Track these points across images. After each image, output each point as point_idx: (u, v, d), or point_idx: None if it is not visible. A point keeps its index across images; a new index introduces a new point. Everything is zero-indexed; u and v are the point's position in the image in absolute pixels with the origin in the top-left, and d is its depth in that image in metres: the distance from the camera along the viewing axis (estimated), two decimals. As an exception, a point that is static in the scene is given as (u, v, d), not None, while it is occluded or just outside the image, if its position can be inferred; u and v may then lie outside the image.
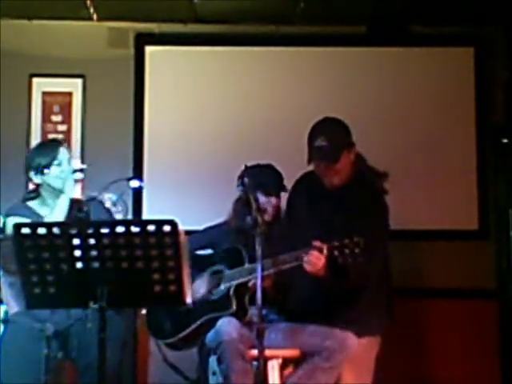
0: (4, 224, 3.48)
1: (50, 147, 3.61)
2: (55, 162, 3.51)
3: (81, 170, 3.54)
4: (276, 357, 3.46)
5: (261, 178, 3.64)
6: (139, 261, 2.53)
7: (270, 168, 3.77)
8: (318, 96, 5.11)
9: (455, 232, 5.03)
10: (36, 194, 3.58)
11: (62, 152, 3.55)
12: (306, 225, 3.63)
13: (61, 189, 3.50)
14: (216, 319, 3.49)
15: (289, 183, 3.81)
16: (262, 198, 3.63)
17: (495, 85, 5.13)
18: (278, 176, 3.76)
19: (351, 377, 3.49)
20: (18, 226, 2.56)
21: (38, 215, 3.50)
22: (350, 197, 3.56)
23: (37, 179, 3.54)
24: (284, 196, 3.80)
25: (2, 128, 4.96)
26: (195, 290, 3.64)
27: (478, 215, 5.07)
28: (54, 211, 3.46)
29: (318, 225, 3.58)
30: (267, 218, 3.63)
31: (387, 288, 3.67)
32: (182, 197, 4.99)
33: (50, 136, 5.03)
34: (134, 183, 4.11)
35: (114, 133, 5.07)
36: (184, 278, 2.53)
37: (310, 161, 3.58)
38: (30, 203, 3.57)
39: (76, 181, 3.52)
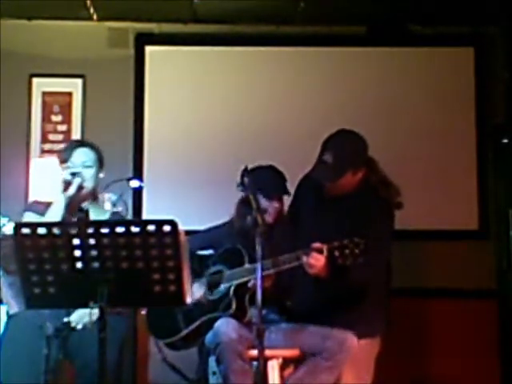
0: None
1: (68, 147, 3.64)
2: (67, 164, 3.53)
3: (73, 174, 3.50)
4: (276, 357, 3.46)
5: (262, 180, 3.59)
6: (139, 261, 2.52)
7: (271, 170, 3.72)
8: (318, 96, 5.11)
9: (455, 232, 5.03)
10: None
11: (77, 154, 3.57)
12: (309, 226, 3.63)
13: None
14: (216, 319, 3.49)
15: (289, 183, 3.80)
16: (263, 202, 3.60)
17: (495, 85, 5.13)
18: (280, 178, 3.70)
19: (351, 377, 3.49)
20: (18, 226, 2.56)
21: None
22: (353, 200, 3.56)
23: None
24: (287, 199, 3.79)
25: (2, 128, 4.96)
26: (192, 292, 3.63)
27: (478, 215, 5.07)
28: (50, 210, 3.46)
29: (320, 227, 3.58)
30: (268, 219, 3.61)
31: (387, 291, 3.67)
32: (182, 197, 4.99)
33: (50, 136, 5.04)
34: (134, 183, 4.11)
35: (114, 133, 5.07)
36: (184, 278, 2.53)
37: (312, 170, 3.59)
38: None
39: (66, 182, 3.48)
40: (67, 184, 3.48)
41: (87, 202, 3.55)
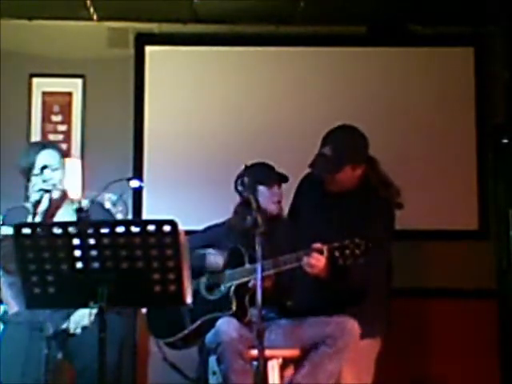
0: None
1: (31, 151, 3.55)
2: (34, 171, 3.48)
3: (46, 191, 3.43)
4: (276, 357, 3.46)
5: (259, 173, 3.64)
6: (139, 261, 2.52)
7: (265, 164, 3.75)
8: (317, 96, 5.11)
9: (455, 232, 5.03)
10: None
11: (42, 157, 3.49)
12: (309, 224, 3.63)
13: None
14: (216, 319, 3.49)
15: (289, 183, 3.81)
16: (265, 192, 3.63)
17: (495, 85, 5.13)
18: (275, 171, 3.74)
19: (351, 378, 3.49)
20: (18, 226, 2.56)
21: None
22: (354, 199, 3.56)
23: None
24: (287, 191, 3.79)
25: (2, 128, 4.96)
26: (211, 262, 3.64)
27: (477, 215, 5.07)
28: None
29: (321, 225, 3.58)
30: (274, 210, 3.64)
31: (387, 291, 3.67)
32: (182, 197, 4.99)
33: (50, 136, 5.04)
34: (134, 183, 4.10)
35: (114, 133, 5.07)
36: (184, 278, 2.53)
37: (311, 164, 3.60)
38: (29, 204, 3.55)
39: (37, 202, 3.42)
40: (37, 203, 3.42)
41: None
